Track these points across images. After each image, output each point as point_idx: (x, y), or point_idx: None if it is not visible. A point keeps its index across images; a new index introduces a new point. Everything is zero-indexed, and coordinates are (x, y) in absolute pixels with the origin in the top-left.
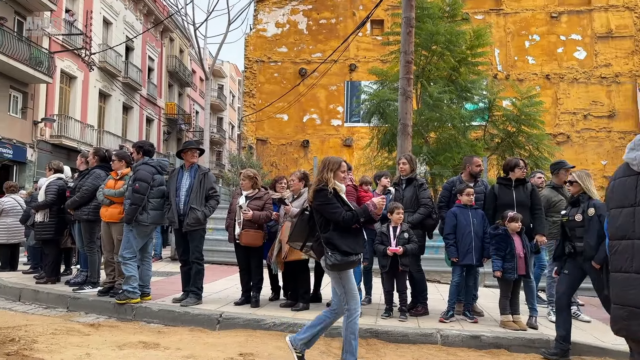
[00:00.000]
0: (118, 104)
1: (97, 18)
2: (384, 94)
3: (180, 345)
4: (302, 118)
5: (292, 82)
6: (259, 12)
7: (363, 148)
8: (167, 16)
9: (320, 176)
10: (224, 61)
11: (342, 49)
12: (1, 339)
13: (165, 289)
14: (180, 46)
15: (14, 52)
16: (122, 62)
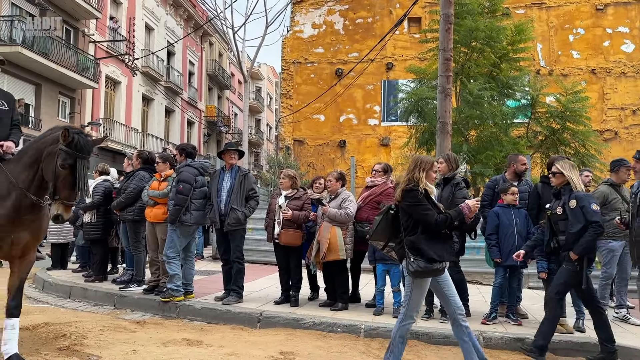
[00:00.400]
0: (160, 108)
1: (140, 24)
2: (422, 92)
3: (223, 342)
4: (339, 118)
5: (329, 82)
6: (296, 14)
7: (400, 147)
8: (206, 21)
9: (410, 175)
10: (262, 63)
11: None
12: (53, 334)
13: (207, 288)
14: (220, 50)
15: (63, 60)
16: (164, 66)
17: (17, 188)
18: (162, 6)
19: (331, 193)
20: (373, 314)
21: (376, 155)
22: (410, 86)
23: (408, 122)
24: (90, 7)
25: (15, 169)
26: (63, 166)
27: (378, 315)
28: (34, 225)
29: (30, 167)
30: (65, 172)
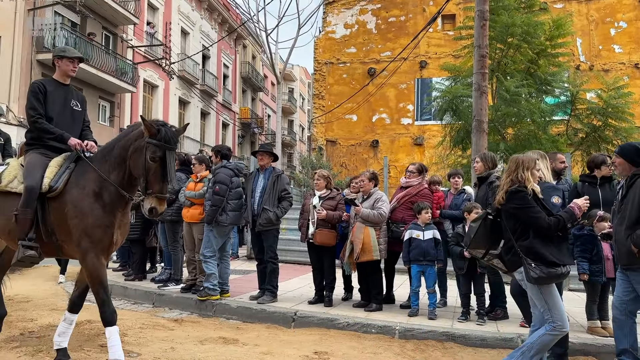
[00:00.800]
0: (196, 110)
1: (176, 29)
2: (457, 90)
3: (258, 341)
4: (372, 118)
5: (361, 82)
6: (328, 15)
7: (435, 147)
8: (240, 24)
9: (513, 176)
10: (294, 65)
11: (412, 46)
12: (95, 331)
13: (243, 287)
14: (253, 52)
15: (102, 65)
16: (199, 70)
17: (110, 186)
18: (197, 11)
19: (364, 193)
20: (408, 315)
21: (409, 155)
22: (444, 84)
23: (442, 121)
24: (128, 13)
25: (104, 168)
26: (153, 159)
27: (413, 317)
28: (123, 224)
29: (119, 165)
30: (156, 164)
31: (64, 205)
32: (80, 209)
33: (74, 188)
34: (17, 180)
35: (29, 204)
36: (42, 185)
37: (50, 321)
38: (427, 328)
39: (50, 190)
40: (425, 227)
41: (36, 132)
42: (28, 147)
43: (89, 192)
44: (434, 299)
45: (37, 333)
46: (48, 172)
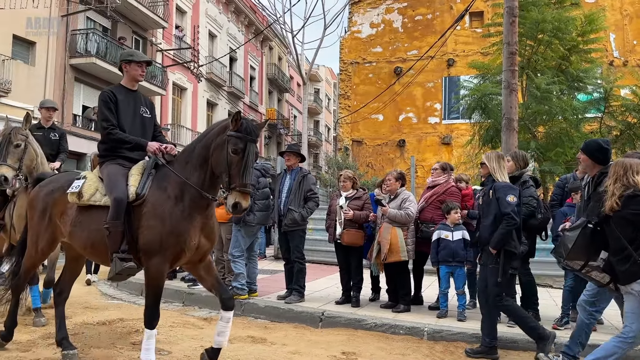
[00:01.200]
0: (224, 112)
1: (203, 32)
2: (486, 88)
3: (286, 341)
4: (398, 117)
5: (387, 81)
6: (354, 15)
7: (463, 146)
8: (266, 26)
9: (624, 180)
10: (320, 65)
11: (439, 44)
12: (127, 329)
13: (270, 286)
14: (279, 54)
15: None
16: (226, 72)
17: (192, 189)
18: (224, 14)
19: (391, 193)
20: (436, 317)
21: (437, 155)
22: (472, 82)
23: (471, 120)
24: (158, 17)
25: (185, 170)
26: (235, 151)
27: (442, 318)
28: (208, 226)
29: (201, 166)
30: (238, 157)
31: (143, 210)
32: (158, 213)
33: (155, 192)
34: (100, 193)
35: (119, 216)
36: (129, 195)
37: (84, 319)
38: (456, 329)
39: (137, 198)
40: (454, 227)
41: (110, 143)
42: (103, 159)
43: (170, 196)
44: (463, 300)
45: (71, 330)
46: (132, 181)
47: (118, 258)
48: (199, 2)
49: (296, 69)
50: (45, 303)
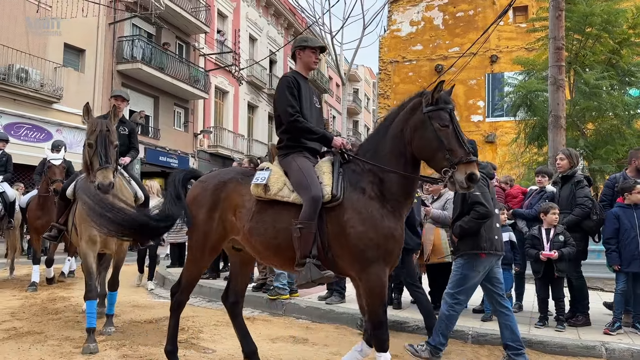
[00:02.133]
0: (264, 114)
1: (244, 35)
2: (531, 85)
3: (327, 341)
4: None
5: (428, 79)
6: (393, 13)
7: (508, 144)
8: (305, 27)
9: None
10: (359, 65)
11: (482, 40)
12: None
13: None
14: None
15: (177, 73)
16: (266, 74)
17: (394, 184)
18: (264, 17)
19: (434, 194)
20: (481, 320)
21: (480, 154)
22: (517, 79)
23: (516, 117)
24: (200, 22)
25: (379, 163)
26: (444, 125)
27: (486, 322)
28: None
29: (397, 158)
30: (449, 129)
31: (342, 214)
32: (365, 215)
33: (353, 193)
34: (287, 188)
35: (314, 216)
36: (324, 195)
37: (132, 317)
38: None
39: (332, 199)
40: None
41: (295, 132)
42: (287, 150)
43: (372, 195)
44: (509, 303)
45: (120, 328)
46: (325, 179)
47: (313, 264)
48: (239, 6)
49: (335, 70)
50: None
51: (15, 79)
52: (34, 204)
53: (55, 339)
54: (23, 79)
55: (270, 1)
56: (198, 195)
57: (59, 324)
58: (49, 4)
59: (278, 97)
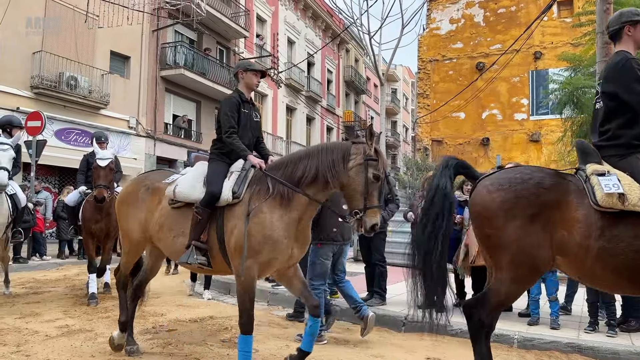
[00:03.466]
0: (302, 116)
1: (282, 39)
2: (578, 81)
3: (368, 344)
4: (481, 115)
5: (469, 78)
6: (432, 11)
7: (554, 143)
8: (343, 29)
9: None
10: (397, 65)
11: (525, 36)
12: (217, 327)
13: None
14: (355, 56)
15: (218, 78)
16: (304, 77)
17: None
18: (302, 20)
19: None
20: (527, 324)
21: (525, 153)
22: (562, 75)
23: (562, 115)
24: (240, 27)
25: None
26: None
27: (533, 326)
28: None
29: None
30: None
31: None
32: None
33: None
34: None
35: None
36: None
37: (177, 316)
38: (549, 338)
39: None
40: None
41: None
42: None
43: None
44: (556, 307)
45: (166, 327)
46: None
47: None
48: (277, 10)
49: (373, 70)
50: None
51: (65, 87)
52: (90, 207)
53: (104, 337)
54: (72, 86)
55: (308, 4)
56: (508, 203)
57: (108, 322)
58: (96, 13)
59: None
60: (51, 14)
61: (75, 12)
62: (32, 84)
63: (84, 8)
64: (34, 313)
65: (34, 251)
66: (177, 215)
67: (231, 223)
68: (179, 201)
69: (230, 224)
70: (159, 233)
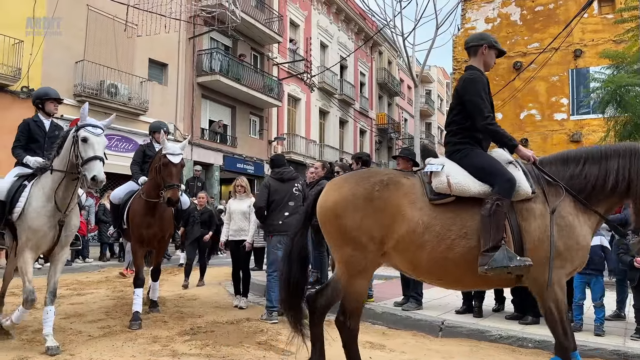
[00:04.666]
0: (335, 120)
1: (315, 43)
2: (621, 79)
3: (405, 348)
4: (519, 115)
5: (506, 78)
6: (467, 11)
7: (596, 143)
8: (376, 31)
9: None
10: (431, 66)
11: (564, 34)
12: (253, 329)
13: (385, 292)
14: (389, 58)
15: (252, 83)
16: (337, 80)
17: None
18: (334, 23)
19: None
20: None
21: None
22: (604, 73)
23: (604, 114)
24: (273, 33)
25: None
26: None
27: (576, 332)
28: None
29: None
30: None
31: None
32: None
33: None
34: None
35: None
36: None
37: (215, 318)
38: (593, 345)
39: None
40: None
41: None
42: None
43: None
44: (601, 313)
45: (204, 328)
46: None
47: None
48: (310, 15)
49: (407, 72)
50: None
51: (106, 94)
52: (140, 209)
53: (144, 338)
54: (113, 93)
55: (341, 7)
56: None
57: (148, 323)
58: (135, 22)
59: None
60: (92, 24)
61: (115, 21)
62: (75, 92)
63: (124, 18)
64: (78, 314)
65: (77, 254)
66: (447, 213)
67: (535, 223)
68: (452, 196)
69: (533, 224)
70: (420, 237)
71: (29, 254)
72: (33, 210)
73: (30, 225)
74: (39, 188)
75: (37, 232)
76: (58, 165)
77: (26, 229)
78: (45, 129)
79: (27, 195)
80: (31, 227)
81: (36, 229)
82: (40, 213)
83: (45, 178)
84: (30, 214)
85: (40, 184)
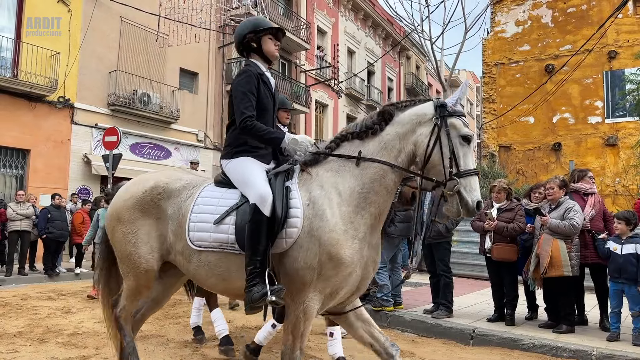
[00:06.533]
0: None
1: (343, 49)
2: None
3: (435, 356)
4: (552, 119)
5: (538, 81)
6: (497, 14)
7: (633, 147)
8: (404, 36)
9: None
10: (460, 70)
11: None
12: (281, 334)
13: (415, 300)
14: (417, 62)
15: (280, 90)
16: (364, 86)
17: None
18: (362, 29)
19: (552, 202)
20: (606, 340)
21: (600, 158)
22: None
23: None
24: (301, 40)
25: None
26: None
27: (613, 342)
28: None
29: None
30: None
31: None
32: None
33: None
34: None
35: None
36: None
37: (244, 323)
38: (631, 355)
39: None
40: (626, 240)
41: None
42: None
43: None
44: (639, 323)
45: (233, 334)
46: None
47: None
48: (338, 22)
49: (435, 77)
50: None
51: (138, 103)
52: None
53: (175, 342)
54: (145, 102)
55: (368, 13)
56: None
57: (179, 328)
58: (166, 32)
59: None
60: (125, 35)
61: (147, 32)
62: (108, 101)
63: (155, 28)
64: None
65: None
66: None
67: None
68: None
69: None
70: None
71: None
72: None
73: None
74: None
75: None
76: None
77: None
78: (271, 88)
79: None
80: None
81: None
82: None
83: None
84: None
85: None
